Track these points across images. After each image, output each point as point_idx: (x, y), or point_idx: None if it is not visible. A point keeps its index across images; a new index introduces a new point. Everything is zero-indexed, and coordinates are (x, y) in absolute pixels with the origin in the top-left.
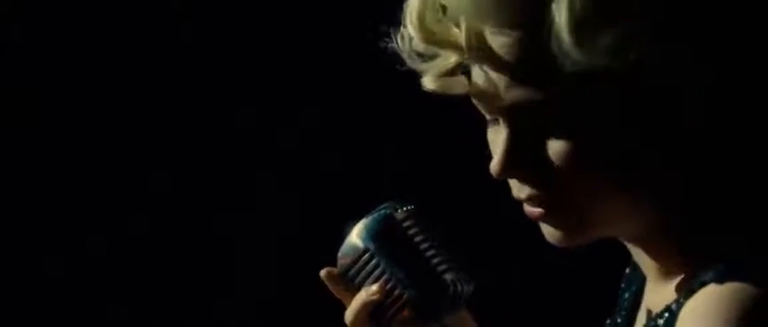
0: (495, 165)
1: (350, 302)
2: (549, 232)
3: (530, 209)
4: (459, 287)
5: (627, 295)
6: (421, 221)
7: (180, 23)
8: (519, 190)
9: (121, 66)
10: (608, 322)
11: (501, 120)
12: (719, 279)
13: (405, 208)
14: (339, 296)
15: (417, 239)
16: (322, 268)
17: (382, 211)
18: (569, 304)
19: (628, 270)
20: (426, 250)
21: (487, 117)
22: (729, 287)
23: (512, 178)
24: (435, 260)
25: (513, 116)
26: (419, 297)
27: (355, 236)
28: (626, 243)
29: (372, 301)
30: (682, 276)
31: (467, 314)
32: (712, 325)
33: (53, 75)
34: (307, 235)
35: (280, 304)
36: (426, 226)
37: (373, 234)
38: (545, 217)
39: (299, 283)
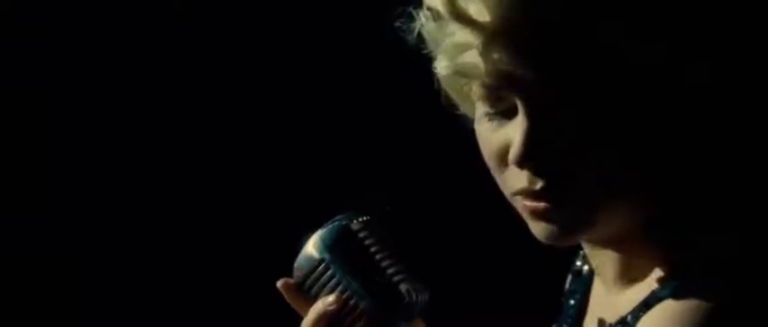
0: (516, 153)
1: (306, 312)
2: (544, 228)
3: (532, 204)
4: (413, 297)
5: (572, 301)
6: (376, 232)
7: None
8: (530, 181)
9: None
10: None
11: (520, 106)
12: (676, 296)
13: (360, 219)
14: (296, 307)
15: (373, 250)
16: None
17: (337, 222)
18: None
19: (569, 278)
20: (381, 260)
21: (487, 110)
22: (685, 304)
23: (532, 165)
24: (390, 271)
25: (535, 102)
26: (374, 307)
27: (311, 247)
28: (589, 249)
29: (328, 311)
30: (641, 286)
31: (422, 324)
32: None
33: (53, 74)
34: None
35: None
36: (382, 237)
37: (329, 245)
38: (549, 212)
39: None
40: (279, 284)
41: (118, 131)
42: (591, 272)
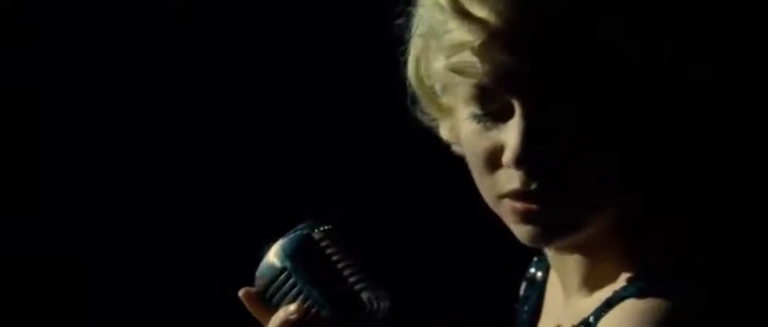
0: (515, 151)
1: (268, 322)
2: (530, 231)
3: (523, 206)
4: (375, 305)
5: (526, 308)
6: (338, 241)
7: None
8: (524, 182)
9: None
10: None
11: (517, 106)
12: (639, 295)
13: (322, 228)
14: (257, 317)
15: (334, 258)
16: None
17: (299, 231)
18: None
19: (524, 285)
20: (343, 269)
21: (476, 112)
22: (647, 303)
23: (527, 167)
24: (352, 279)
25: (536, 98)
26: (336, 316)
27: (272, 256)
28: (555, 255)
29: (290, 320)
30: (605, 289)
31: None
32: None
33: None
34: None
35: None
36: (343, 246)
37: (290, 254)
38: (538, 214)
39: None
40: (240, 293)
41: (117, 131)
42: (544, 279)
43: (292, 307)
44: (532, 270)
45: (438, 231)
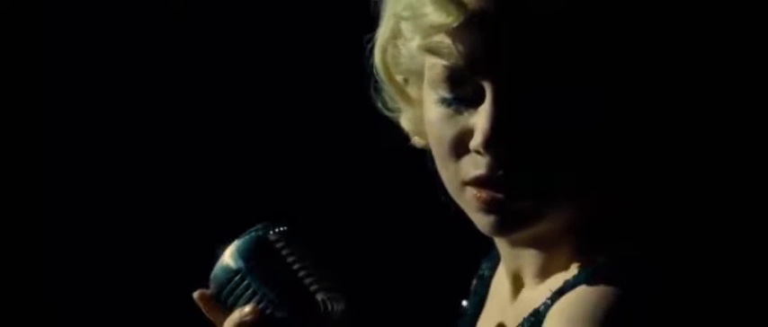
0: (484, 134)
1: (222, 324)
2: (491, 220)
3: (483, 194)
4: (330, 307)
5: (473, 301)
6: (293, 242)
7: None
8: (489, 168)
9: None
10: None
11: (488, 90)
12: (589, 282)
13: (277, 230)
14: (212, 319)
15: (289, 260)
16: None
17: (254, 232)
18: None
19: (474, 282)
20: (298, 270)
21: (445, 95)
22: (597, 290)
23: (494, 152)
24: (307, 281)
25: (509, 84)
26: (291, 317)
27: (227, 257)
28: (509, 250)
29: (245, 322)
30: (556, 280)
31: None
32: (578, 326)
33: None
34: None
35: None
36: (298, 248)
37: (245, 255)
38: (501, 204)
39: None
40: (195, 295)
41: (116, 131)
42: (491, 276)
43: (247, 308)
44: (483, 267)
45: (398, 230)
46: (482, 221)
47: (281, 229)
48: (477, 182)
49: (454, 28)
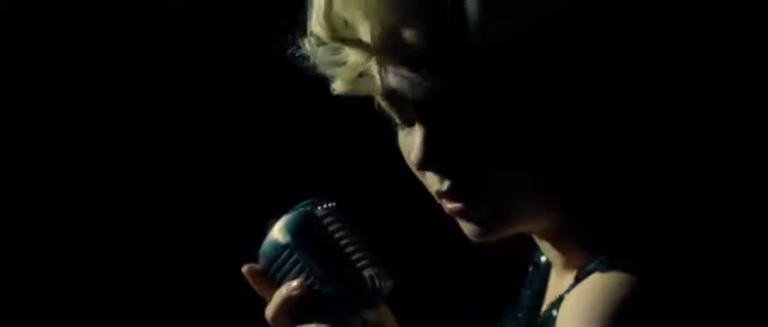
0: (415, 158)
1: (271, 298)
2: (467, 228)
3: (449, 205)
4: (377, 283)
5: (529, 291)
6: (341, 218)
7: None
8: (440, 183)
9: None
10: (509, 314)
11: (416, 119)
12: (603, 269)
13: (325, 206)
14: (261, 293)
15: (337, 236)
16: None
17: (302, 208)
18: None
19: (530, 269)
20: (345, 246)
21: (398, 120)
22: (612, 277)
23: (432, 171)
24: (354, 257)
25: (429, 110)
26: (338, 293)
27: (276, 233)
28: (538, 240)
29: (292, 297)
30: (577, 268)
31: (387, 310)
32: (591, 313)
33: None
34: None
35: None
36: (346, 224)
37: (293, 231)
38: (464, 212)
39: None
40: (244, 269)
41: (116, 130)
42: (548, 263)
43: (294, 283)
44: (536, 255)
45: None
46: (465, 229)
47: (330, 205)
48: (439, 195)
49: (366, 67)
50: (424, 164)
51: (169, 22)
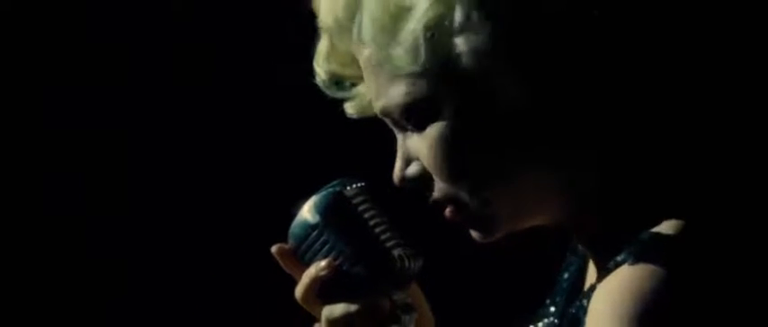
0: (394, 172)
1: (300, 277)
2: (473, 233)
3: (447, 211)
4: (407, 264)
5: (566, 275)
6: (370, 198)
7: None
8: (429, 195)
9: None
10: (548, 301)
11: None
12: (632, 260)
13: (355, 185)
14: (290, 272)
15: (366, 215)
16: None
17: (332, 188)
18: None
19: (567, 253)
20: (375, 226)
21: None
22: (639, 269)
23: (408, 184)
24: (383, 237)
25: (394, 123)
26: (366, 273)
27: (305, 212)
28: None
29: (321, 276)
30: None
31: (418, 290)
32: (619, 308)
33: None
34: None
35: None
36: (376, 203)
37: (322, 210)
38: (458, 217)
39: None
40: (273, 249)
41: (116, 130)
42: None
43: (323, 263)
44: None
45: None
46: (472, 234)
47: (360, 184)
48: (434, 205)
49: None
50: (398, 181)
51: (169, 22)
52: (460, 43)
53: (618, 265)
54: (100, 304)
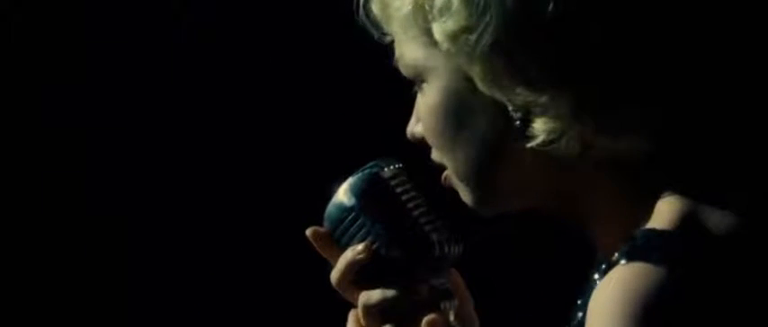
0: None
1: (336, 261)
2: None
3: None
4: (446, 249)
5: (596, 275)
6: (408, 180)
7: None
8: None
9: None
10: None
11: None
12: (626, 259)
13: (392, 167)
14: (325, 256)
15: (404, 198)
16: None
17: (368, 169)
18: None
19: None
20: (413, 209)
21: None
22: (633, 267)
23: (417, 141)
24: (422, 220)
25: (409, 77)
26: (404, 257)
27: (341, 194)
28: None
29: (357, 261)
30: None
31: (457, 276)
32: (614, 306)
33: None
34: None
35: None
36: (414, 186)
37: (359, 192)
38: (447, 183)
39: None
40: (308, 232)
41: (116, 131)
42: None
43: (359, 247)
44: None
45: None
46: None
47: (397, 166)
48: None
49: None
50: (408, 135)
51: (169, 22)
52: (437, 26)
53: (613, 265)
54: (99, 304)
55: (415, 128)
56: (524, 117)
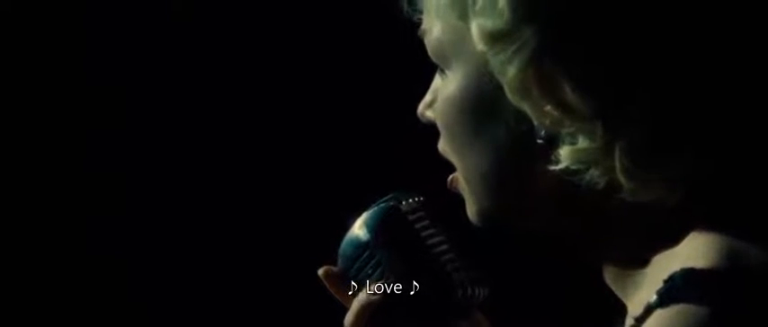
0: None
1: (350, 303)
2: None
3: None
4: (469, 290)
5: None
6: (429, 214)
7: None
8: None
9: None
10: None
11: None
12: (663, 303)
13: (411, 200)
14: (339, 298)
15: (424, 234)
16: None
17: (385, 203)
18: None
19: None
20: (433, 245)
21: None
22: (673, 312)
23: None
24: (443, 258)
25: (432, 56)
26: (423, 299)
27: (356, 229)
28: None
29: (372, 302)
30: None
31: (481, 317)
32: None
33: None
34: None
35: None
36: (435, 220)
37: (375, 227)
38: (452, 186)
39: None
40: (320, 272)
41: (116, 131)
42: None
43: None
44: None
45: None
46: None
47: (417, 199)
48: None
49: None
50: (419, 114)
51: (169, 22)
52: (476, 22)
53: (649, 311)
54: (100, 305)
55: (428, 110)
56: (549, 138)
